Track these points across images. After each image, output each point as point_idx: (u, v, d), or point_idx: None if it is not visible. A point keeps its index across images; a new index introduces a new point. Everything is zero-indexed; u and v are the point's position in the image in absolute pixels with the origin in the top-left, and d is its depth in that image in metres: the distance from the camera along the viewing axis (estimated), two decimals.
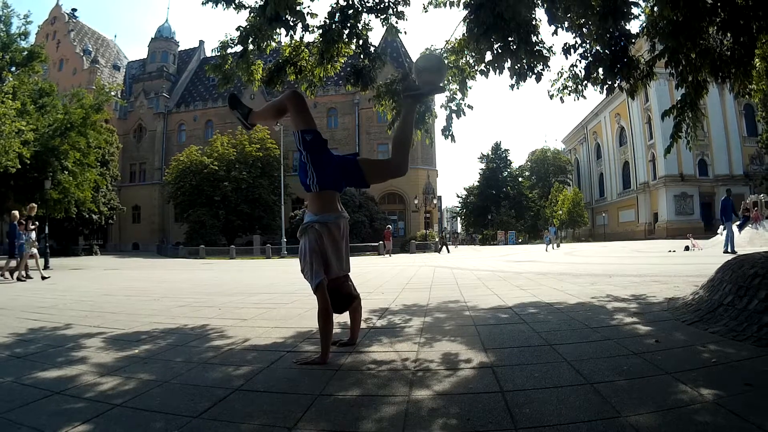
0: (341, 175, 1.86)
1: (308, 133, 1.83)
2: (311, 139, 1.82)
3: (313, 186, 1.82)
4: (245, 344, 2.22)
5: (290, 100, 1.92)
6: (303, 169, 1.84)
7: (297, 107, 1.90)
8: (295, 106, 1.90)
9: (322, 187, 1.83)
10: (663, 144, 27.46)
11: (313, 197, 1.88)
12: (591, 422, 1.15)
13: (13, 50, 12.35)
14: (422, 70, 1.92)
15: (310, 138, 1.82)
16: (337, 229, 1.87)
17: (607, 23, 2.95)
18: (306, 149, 1.82)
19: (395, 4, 3.81)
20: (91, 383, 1.64)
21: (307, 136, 1.83)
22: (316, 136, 1.84)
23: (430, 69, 1.93)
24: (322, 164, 1.82)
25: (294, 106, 1.90)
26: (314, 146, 1.82)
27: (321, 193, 1.85)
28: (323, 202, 1.87)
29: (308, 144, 1.82)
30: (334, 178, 1.85)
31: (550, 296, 3.57)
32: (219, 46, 3.73)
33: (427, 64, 1.99)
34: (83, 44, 39.21)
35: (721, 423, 1.12)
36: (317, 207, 1.88)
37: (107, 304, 4.00)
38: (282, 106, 1.95)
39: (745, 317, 1.99)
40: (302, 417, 1.26)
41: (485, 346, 2.01)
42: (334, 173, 1.84)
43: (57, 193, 12.34)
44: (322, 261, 1.81)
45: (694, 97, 3.43)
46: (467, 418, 1.23)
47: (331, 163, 1.84)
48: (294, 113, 1.90)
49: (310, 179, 1.81)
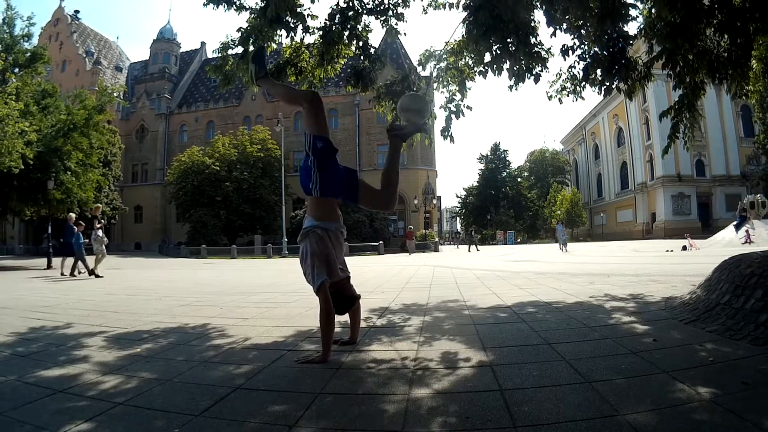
0: (343, 187, 1.87)
1: (320, 140, 1.82)
2: (322, 146, 1.82)
3: (315, 191, 1.83)
4: (246, 343, 2.23)
5: (309, 101, 1.90)
6: (307, 172, 1.84)
7: (314, 110, 1.88)
8: (312, 108, 1.88)
9: (323, 194, 1.84)
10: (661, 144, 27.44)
11: (314, 202, 1.90)
12: (589, 420, 1.16)
13: (16, 51, 12.38)
14: (405, 109, 1.97)
15: (321, 145, 1.82)
16: (336, 239, 1.90)
17: (605, 25, 2.97)
18: (315, 155, 1.82)
19: (395, 6, 3.83)
20: (93, 382, 1.65)
21: (319, 142, 1.82)
22: (328, 144, 1.83)
23: (414, 110, 1.98)
24: (327, 171, 1.82)
25: (311, 108, 1.88)
26: (324, 153, 1.82)
27: (322, 200, 1.87)
28: (325, 209, 1.89)
29: (318, 150, 1.81)
30: (337, 187, 1.86)
31: (548, 295, 3.58)
32: (220, 47, 3.75)
33: (411, 104, 2.04)
34: (86, 46, 39.28)
35: (718, 421, 1.13)
36: (319, 213, 1.89)
37: (109, 304, 4.01)
38: (297, 100, 1.95)
39: (742, 316, 2.00)
40: (303, 415, 1.27)
41: (484, 345, 2.02)
42: (337, 182, 1.85)
43: (60, 193, 12.37)
44: (325, 263, 1.83)
45: (692, 98, 3.45)
46: (466, 416, 1.24)
47: (337, 172, 1.85)
48: (309, 115, 1.88)
49: (313, 184, 1.82)
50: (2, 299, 4.52)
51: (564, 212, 37.14)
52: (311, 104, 1.88)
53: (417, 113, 1.98)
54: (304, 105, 1.90)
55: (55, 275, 8.25)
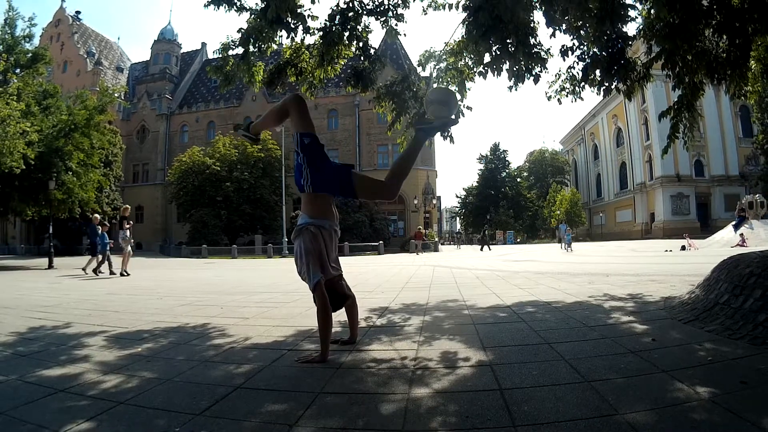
0: (335, 181, 1.89)
1: (307, 137, 1.89)
2: (309, 142, 1.88)
3: (306, 186, 1.86)
4: (246, 343, 2.24)
5: (292, 104, 1.98)
6: (299, 169, 1.90)
7: (299, 111, 1.96)
8: (297, 109, 1.96)
9: (315, 189, 1.87)
10: (660, 145, 27.53)
11: (308, 199, 1.92)
12: (588, 420, 1.16)
13: (17, 52, 12.41)
14: (433, 102, 1.96)
15: (308, 141, 1.88)
16: (329, 236, 1.92)
17: (605, 25, 2.97)
18: (303, 151, 1.88)
19: (395, 7, 3.84)
20: (95, 381, 1.65)
21: (306, 139, 1.89)
22: (314, 140, 1.90)
23: (442, 102, 1.96)
24: (317, 166, 1.86)
25: (296, 110, 1.96)
26: (311, 149, 1.87)
27: (316, 196, 1.89)
28: (319, 206, 1.91)
29: (306, 146, 1.88)
30: (329, 181, 1.88)
31: (548, 295, 3.59)
32: (220, 48, 3.75)
33: (439, 96, 2.03)
34: (87, 46, 39.33)
35: (716, 420, 1.13)
36: (313, 210, 1.91)
37: (110, 303, 4.02)
38: (284, 109, 2.00)
39: (741, 316, 2.01)
40: (303, 414, 1.28)
41: (484, 345, 2.02)
42: (329, 177, 1.87)
43: (61, 193, 12.38)
44: (319, 261, 1.84)
45: (691, 99, 3.46)
46: (466, 415, 1.24)
47: (327, 167, 1.88)
48: (295, 116, 1.95)
49: (304, 179, 1.86)
50: (4, 299, 4.52)
51: (563, 212, 37.14)
52: (294, 106, 1.97)
53: (444, 105, 1.95)
54: (290, 109, 1.97)
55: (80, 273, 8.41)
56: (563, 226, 19.21)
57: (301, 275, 1.86)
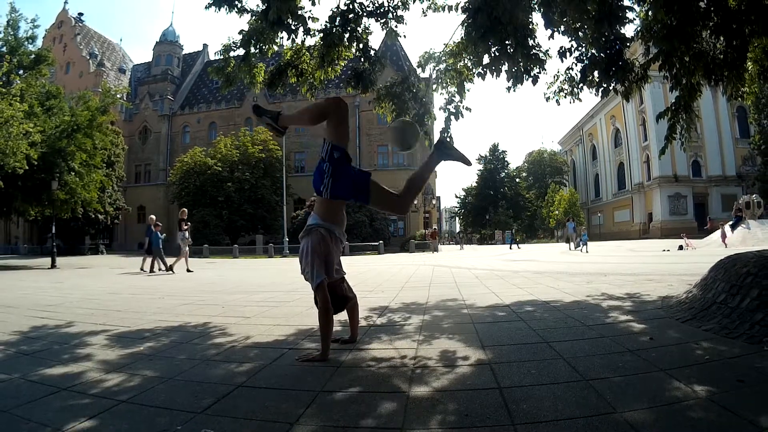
0: (351, 188, 1.89)
1: (337, 150, 1.83)
2: (339, 156, 1.83)
3: (325, 193, 1.86)
4: (247, 342, 2.25)
5: (335, 109, 1.85)
6: (320, 175, 1.86)
7: (339, 117, 1.86)
8: (338, 115, 1.85)
9: (333, 197, 1.87)
10: (657, 145, 27.52)
11: (322, 201, 1.92)
12: (587, 418, 1.17)
13: (20, 53, 12.46)
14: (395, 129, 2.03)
15: (338, 155, 1.83)
16: (336, 242, 1.94)
17: (603, 27, 2.99)
18: (330, 162, 1.84)
19: (395, 9, 3.86)
20: (97, 380, 1.67)
21: (336, 153, 1.83)
22: (344, 155, 1.85)
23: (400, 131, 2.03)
24: (339, 177, 1.84)
25: (336, 116, 1.85)
26: (339, 162, 1.84)
27: (331, 201, 1.90)
28: (332, 211, 1.92)
29: (335, 160, 1.83)
30: (347, 190, 1.88)
31: (546, 294, 3.60)
32: (222, 49, 3.77)
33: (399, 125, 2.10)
34: (89, 48, 39.42)
35: (713, 418, 1.14)
36: (326, 213, 1.92)
37: (112, 303, 4.03)
38: (324, 112, 1.87)
39: (738, 315, 2.02)
40: (304, 413, 1.29)
41: (483, 344, 2.03)
42: (348, 186, 1.87)
43: (64, 193, 12.43)
44: (323, 262, 1.86)
45: (688, 100, 3.47)
46: (465, 414, 1.25)
47: (348, 176, 1.87)
48: (334, 122, 1.85)
49: (324, 187, 1.85)
50: (7, 298, 4.53)
51: (562, 212, 37.15)
52: (338, 112, 1.85)
53: (401, 135, 2.01)
54: (330, 113, 1.85)
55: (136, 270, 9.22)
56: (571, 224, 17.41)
57: (304, 274, 1.87)
